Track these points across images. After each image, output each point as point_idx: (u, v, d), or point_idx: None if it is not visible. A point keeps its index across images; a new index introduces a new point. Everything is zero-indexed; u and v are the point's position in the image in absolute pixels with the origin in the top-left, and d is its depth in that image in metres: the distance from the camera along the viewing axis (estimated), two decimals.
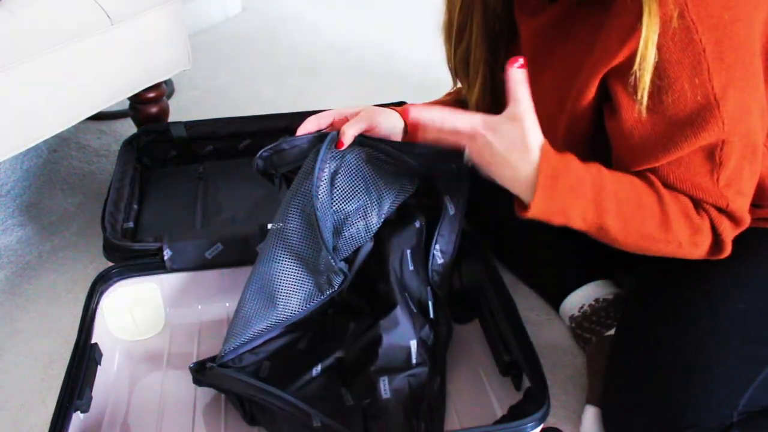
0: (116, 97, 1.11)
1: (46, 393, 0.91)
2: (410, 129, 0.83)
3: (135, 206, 1.08)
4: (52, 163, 1.38)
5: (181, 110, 1.51)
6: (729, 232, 0.71)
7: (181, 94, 1.65)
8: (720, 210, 0.70)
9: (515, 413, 0.78)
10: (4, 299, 1.07)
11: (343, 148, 0.79)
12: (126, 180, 1.09)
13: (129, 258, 0.93)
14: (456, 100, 0.93)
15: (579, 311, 0.92)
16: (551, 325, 0.98)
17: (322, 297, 0.84)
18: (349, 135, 0.79)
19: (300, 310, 0.84)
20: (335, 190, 0.82)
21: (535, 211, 0.67)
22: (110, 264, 0.93)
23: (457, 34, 0.82)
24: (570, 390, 0.88)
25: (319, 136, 0.81)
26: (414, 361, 0.81)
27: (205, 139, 1.20)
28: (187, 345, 0.94)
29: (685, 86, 0.63)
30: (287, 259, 0.83)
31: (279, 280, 0.83)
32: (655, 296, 0.80)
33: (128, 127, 1.42)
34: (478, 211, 1.04)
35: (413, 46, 1.83)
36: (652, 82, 0.63)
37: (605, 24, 0.66)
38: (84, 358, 0.80)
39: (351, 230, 0.84)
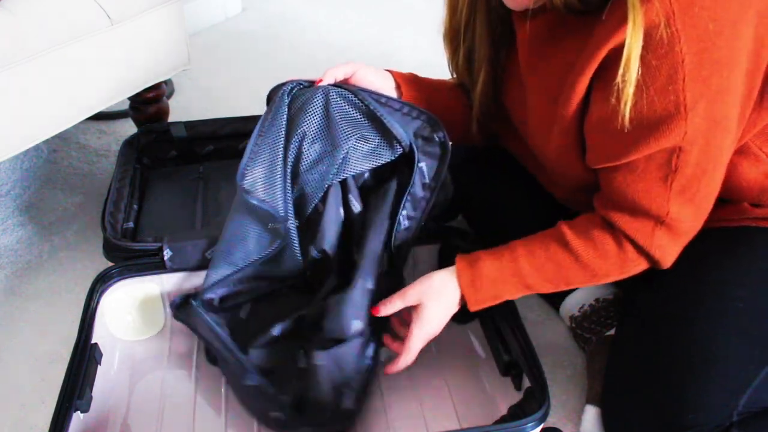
0: (116, 97, 1.11)
1: (46, 393, 0.91)
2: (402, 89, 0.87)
3: (135, 206, 1.08)
4: (52, 163, 1.38)
5: (181, 110, 1.50)
6: (664, 249, 0.73)
7: (181, 94, 1.65)
8: (658, 222, 0.71)
9: (515, 413, 0.78)
10: (4, 299, 1.07)
11: (319, 84, 0.84)
12: (126, 180, 1.09)
13: (129, 258, 0.93)
14: (453, 84, 0.93)
15: (579, 311, 0.92)
16: (551, 325, 0.98)
17: (273, 246, 0.87)
18: (329, 74, 0.83)
19: (256, 254, 0.88)
20: (297, 131, 0.83)
21: (473, 307, 0.79)
22: (110, 264, 0.93)
23: (462, 34, 0.82)
24: (570, 390, 0.88)
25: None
26: (350, 332, 0.82)
27: (205, 139, 1.20)
28: (187, 345, 0.94)
29: (659, 92, 0.62)
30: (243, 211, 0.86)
31: (237, 228, 0.87)
32: (654, 296, 0.80)
33: (128, 127, 1.42)
34: (477, 211, 1.04)
35: (413, 46, 1.83)
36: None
37: (594, 30, 0.66)
38: (84, 358, 0.80)
39: (309, 176, 0.85)
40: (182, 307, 0.90)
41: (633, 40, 0.60)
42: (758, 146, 0.74)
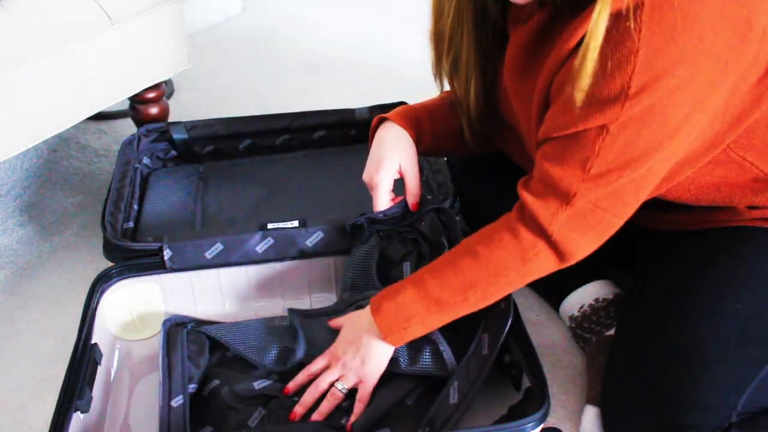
0: (116, 97, 1.11)
1: (46, 393, 0.91)
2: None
3: (135, 206, 1.08)
4: (52, 163, 1.38)
5: (181, 110, 1.50)
6: (566, 234, 0.70)
7: (181, 94, 1.65)
8: (564, 201, 0.68)
9: (515, 413, 0.78)
10: (4, 299, 1.07)
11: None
12: (126, 180, 1.09)
13: (129, 258, 0.93)
14: (449, 103, 0.93)
15: (579, 311, 0.92)
16: (551, 325, 0.98)
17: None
18: (381, 202, 0.89)
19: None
20: None
21: (387, 335, 0.77)
22: (110, 264, 0.93)
23: (447, 41, 0.81)
24: (570, 390, 0.88)
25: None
26: None
27: (205, 139, 1.20)
28: None
29: (607, 76, 0.61)
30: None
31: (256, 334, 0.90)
32: (654, 296, 0.80)
33: (128, 127, 1.42)
34: (477, 212, 1.04)
35: (413, 46, 1.83)
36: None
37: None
38: (84, 358, 0.80)
39: None
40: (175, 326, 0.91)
41: (596, 27, 0.59)
42: (741, 156, 0.73)
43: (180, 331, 0.88)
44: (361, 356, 0.79)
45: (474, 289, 0.74)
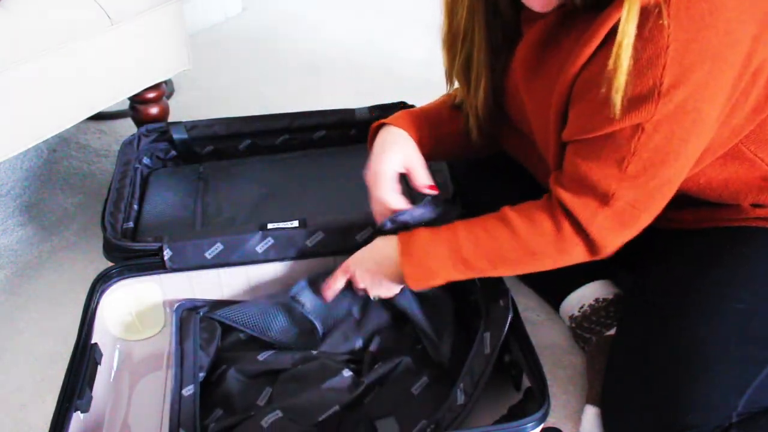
0: (116, 97, 1.11)
1: (46, 393, 0.91)
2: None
3: (135, 206, 1.08)
4: (52, 163, 1.38)
5: (181, 110, 1.50)
6: (604, 233, 0.72)
7: (181, 94, 1.65)
8: (603, 202, 0.70)
9: (515, 413, 0.78)
10: (4, 299, 1.07)
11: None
12: (126, 180, 1.09)
13: (129, 258, 0.93)
14: (449, 107, 0.93)
15: (579, 311, 0.92)
16: (551, 325, 0.98)
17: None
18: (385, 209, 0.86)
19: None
20: None
21: (410, 281, 0.79)
22: (110, 264, 0.93)
23: (460, 41, 0.82)
24: (570, 390, 0.88)
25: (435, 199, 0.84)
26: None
27: (205, 139, 1.20)
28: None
29: (638, 74, 0.62)
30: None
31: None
32: (654, 296, 0.80)
33: (128, 127, 1.42)
34: (478, 212, 1.04)
35: (413, 46, 1.83)
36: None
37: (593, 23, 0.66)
38: (84, 358, 0.80)
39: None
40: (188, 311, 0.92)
41: (627, 24, 0.60)
42: (753, 152, 0.74)
43: (192, 318, 0.89)
44: (377, 285, 0.83)
45: (505, 264, 0.77)
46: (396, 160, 0.85)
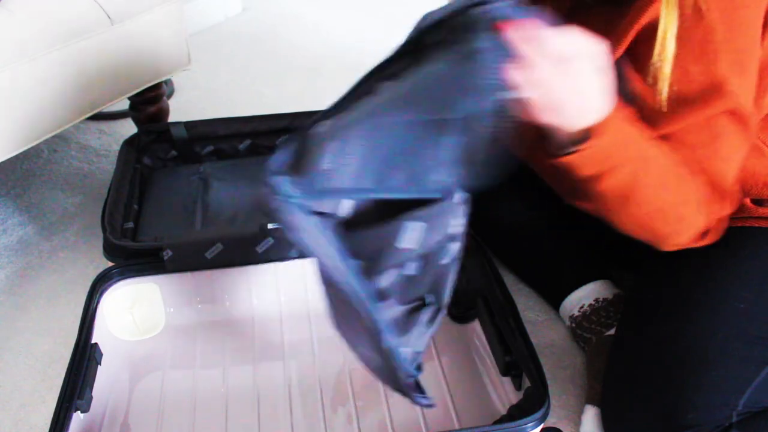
0: (116, 97, 1.11)
1: (46, 393, 0.91)
2: None
3: (135, 206, 1.08)
4: (52, 163, 1.38)
5: (181, 110, 1.50)
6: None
7: (181, 94, 1.65)
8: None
9: (515, 413, 0.78)
10: (4, 299, 1.07)
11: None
12: (126, 180, 1.09)
13: (129, 258, 0.93)
14: None
15: (579, 311, 0.92)
16: (551, 325, 0.98)
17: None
18: None
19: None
20: None
21: (598, 140, 0.60)
22: (110, 264, 0.93)
23: None
24: (570, 390, 0.88)
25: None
26: None
27: (205, 139, 1.20)
28: (187, 345, 0.94)
29: (689, 66, 0.62)
30: None
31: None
32: (655, 296, 0.80)
33: (128, 127, 1.42)
34: (478, 212, 1.04)
35: None
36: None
37: (617, 16, 0.65)
38: (84, 358, 0.80)
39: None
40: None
41: (668, 16, 0.60)
42: (762, 140, 0.74)
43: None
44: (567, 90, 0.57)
45: (665, 189, 0.66)
46: None
